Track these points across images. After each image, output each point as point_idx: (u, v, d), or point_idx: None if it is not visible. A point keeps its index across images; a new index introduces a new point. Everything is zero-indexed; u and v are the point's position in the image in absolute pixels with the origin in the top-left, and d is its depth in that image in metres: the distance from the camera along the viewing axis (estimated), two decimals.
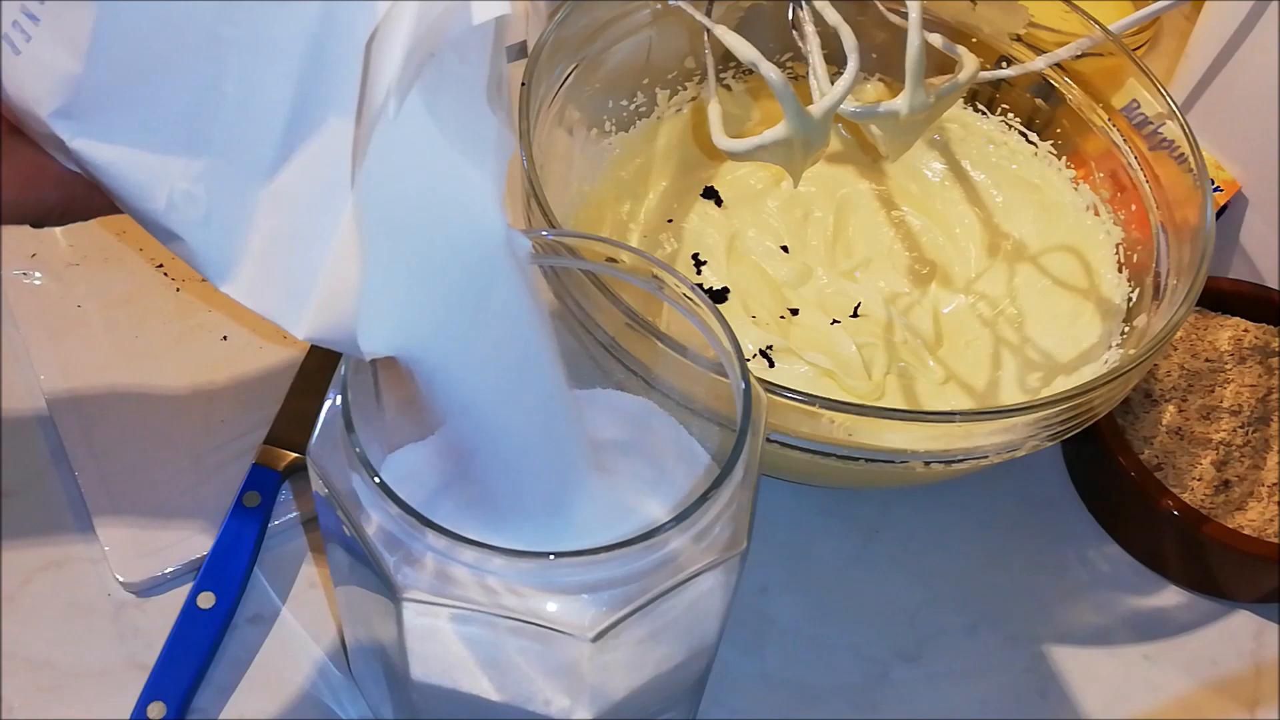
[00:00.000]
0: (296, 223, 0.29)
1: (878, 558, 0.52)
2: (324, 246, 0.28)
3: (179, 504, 0.49)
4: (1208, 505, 0.51)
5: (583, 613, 0.32)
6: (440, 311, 0.31)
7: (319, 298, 0.29)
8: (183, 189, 0.29)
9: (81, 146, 0.29)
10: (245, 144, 0.29)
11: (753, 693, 0.48)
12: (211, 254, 0.29)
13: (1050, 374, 0.53)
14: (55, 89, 0.28)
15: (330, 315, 0.29)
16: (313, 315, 0.29)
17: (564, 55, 0.53)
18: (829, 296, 0.55)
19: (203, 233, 0.29)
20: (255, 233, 0.29)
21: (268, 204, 0.29)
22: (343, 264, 0.28)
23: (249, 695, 0.45)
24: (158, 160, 0.29)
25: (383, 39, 0.26)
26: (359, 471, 0.32)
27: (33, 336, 0.54)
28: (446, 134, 0.30)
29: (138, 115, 0.28)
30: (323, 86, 0.28)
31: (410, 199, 0.30)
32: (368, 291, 0.29)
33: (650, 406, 0.41)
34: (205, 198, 0.29)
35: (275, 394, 0.52)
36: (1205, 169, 0.50)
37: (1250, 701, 0.50)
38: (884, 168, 0.61)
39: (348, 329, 0.29)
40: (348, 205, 0.28)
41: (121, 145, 0.28)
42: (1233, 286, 0.57)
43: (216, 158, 0.29)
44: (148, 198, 0.29)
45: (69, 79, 0.28)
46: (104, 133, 0.28)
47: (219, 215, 0.29)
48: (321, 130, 0.28)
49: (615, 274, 0.41)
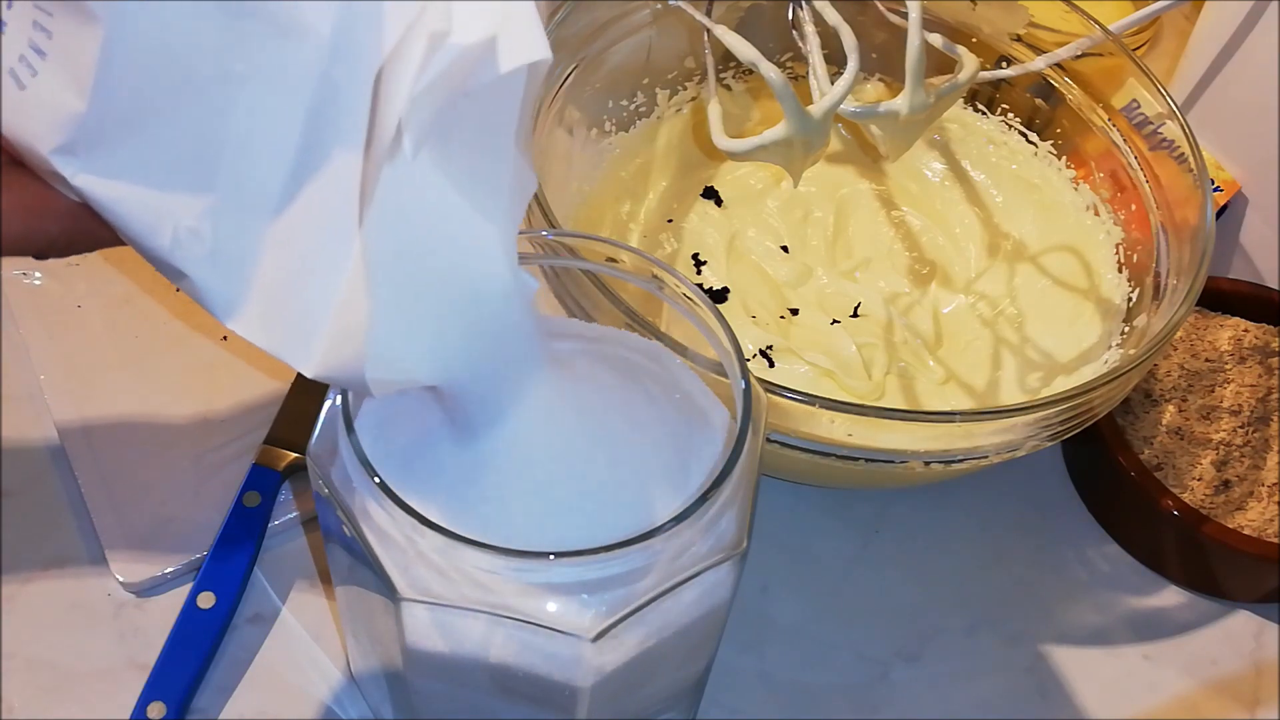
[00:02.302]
0: (304, 260, 0.29)
1: (878, 558, 0.52)
2: (332, 285, 0.28)
3: (179, 504, 0.49)
4: (1208, 505, 0.51)
5: (583, 613, 0.32)
6: (448, 354, 0.31)
7: (328, 337, 0.29)
8: (188, 226, 0.29)
9: (85, 183, 0.28)
10: (252, 180, 0.28)
11: (753, 693, 0.48)
12: (218, 291, 0.29)
13: (1050, 374, 0.53)
14: (58, 126, 0.28)
15: (339, 355, 0.29)
16: (321, 355, 0.29)
17: (564, 55, 0.53)
18: (829, 296, 0.55)
19: (208, 270, 0.29)
20: (262, 270, 0.29)
21: (275, 241, 0.29)
22: (351, 304, 0.28)
23: (249, 695, 0.45)
24: (163, 197, 0.28)
25: (392, 71, 0.26)
26: (359, 471, 0.32)
27: (33, 336, 0.54)
28: (463, 183, 0.29)
29: (142, 152, 0.28)
30: (332, 122, 0.28)
31: (420, 246, 0.29)
32: (376, 333, 0.29)
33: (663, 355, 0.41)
34: (211, 234, 0.29)
35: (275, 394, 0.52)
36: (1205, 169, 0.50)
37: (1250, 701, 0.50)
38: (884, 168, 0.61)
39: (356, 369, 0.29)
40: (356, 244, 0.28)
41: (126, 182, 0.28)
42: (1233, 286, 0.57)
43: (222, 194, 0.28)
44: (153, 235, 0.29)
45: (72, 116, 0.28)
46: (108, 169, 0.28)
47: (225, 252, 0.29)
48: (330, 167, 0.28)
49: (615, 274, 0.41)
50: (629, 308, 0.41)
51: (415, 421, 0.36)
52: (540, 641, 0.33)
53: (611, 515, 0.34)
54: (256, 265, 0.29)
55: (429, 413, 0.36)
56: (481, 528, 0.32)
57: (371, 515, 0.33)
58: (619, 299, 0.41)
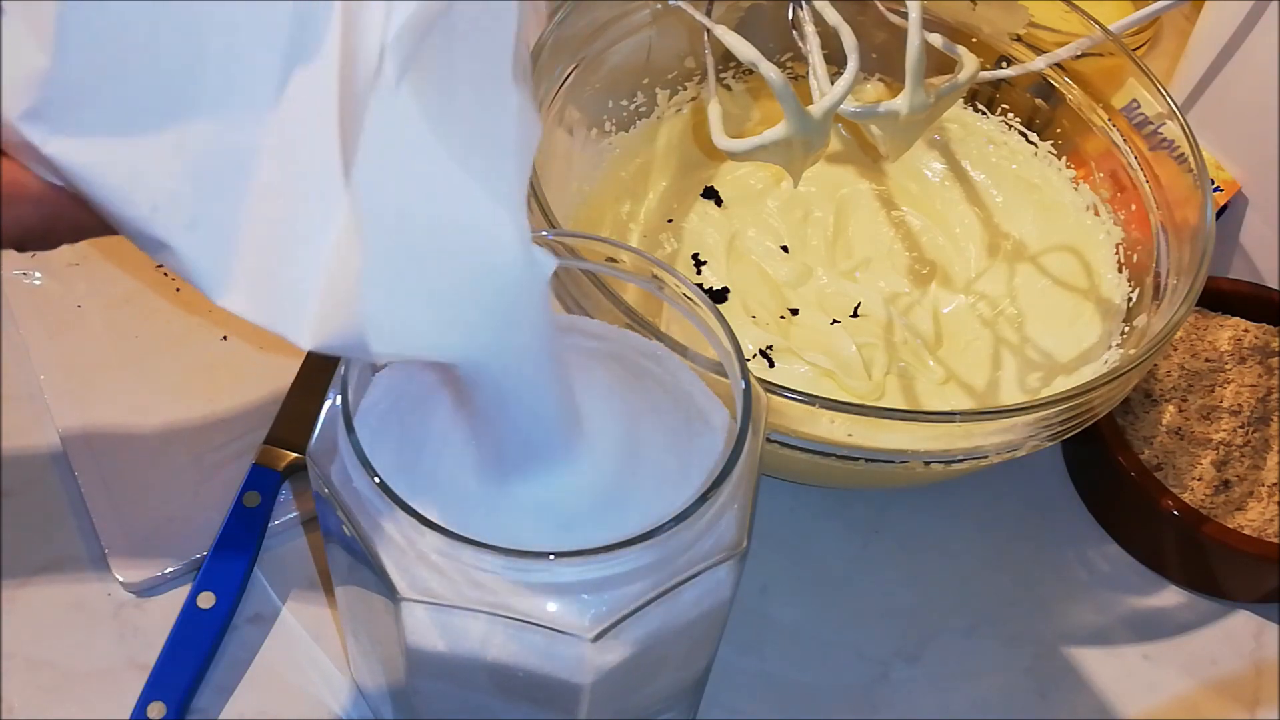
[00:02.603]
0: (291, 220, 0.27)
1: (878, 558, 0.52)
2: (322, 245, 0.27)
3: (179, 504, 0.49)
4: (1208, 505, 0.51)
5: (583, 613, 0.32)
6: (454, 325, 0.30)
7: (320, 303, 0.27)
8: (166, 189, 0.27)
9: (56, 151, 0.27)
10: (230, 134, 0.27)
11: (753, 693, 0.48)
12: (202, 261, 0.28)
13: (1050, 374, 0.53)
14: (25, 86, 0.26)
15: (334, 322, 0.27)
16: (316, 322, 0.27)
17: (564, 55, 0.53)
18: (829, 296, 0.55)
19: (190, 239, 0.27)
20: (247, 236, 0.27)
21: (258, 201, 0.27)
22: (343, 263, 0.27)
23: (249, 695, 0.45)
24: (138, 159, 0.27)
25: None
26: (359, 471, 0.32)
27: (33, 336, 0.54)
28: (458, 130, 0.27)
29: (113, 110, 0.27)
30: (314, 64, 0.26)
31: (415, 202, 0.28)
32: (371, 294, 0.27)
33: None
34: (191, 198, 0.27)
35: (275, 394, 0.52)
36: (1205, 169, 0.50)
37: (1250, 701, 0.50)
38: (884, 168, 0.61)
39: (353, 335, 0.27)
40: (344, 199, 0.26)
41: (98, 145, 0.27)
42: (1233, 286, 0.57)
43: (199, 153, 0.27)
44: (130, 202, 0.27)
45: (38, 73, 0.26)
46: (79, 130, 0.27)
47: (207, 218, 0.27)
48: (311, 113, 0.26)
49: (615, 274, 0.41)
50: (629, 308, 0.41)
51: (416, 421, 0.36)
52: (540, 641, 0.33)
53: (611, 515, 0.34)
54: (240, 230, 0.27)
55: (429, 412, 0.36)
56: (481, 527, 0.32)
57: (371, 515, 0.33)
58: (619, 299, 0.41)
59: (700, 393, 0.39)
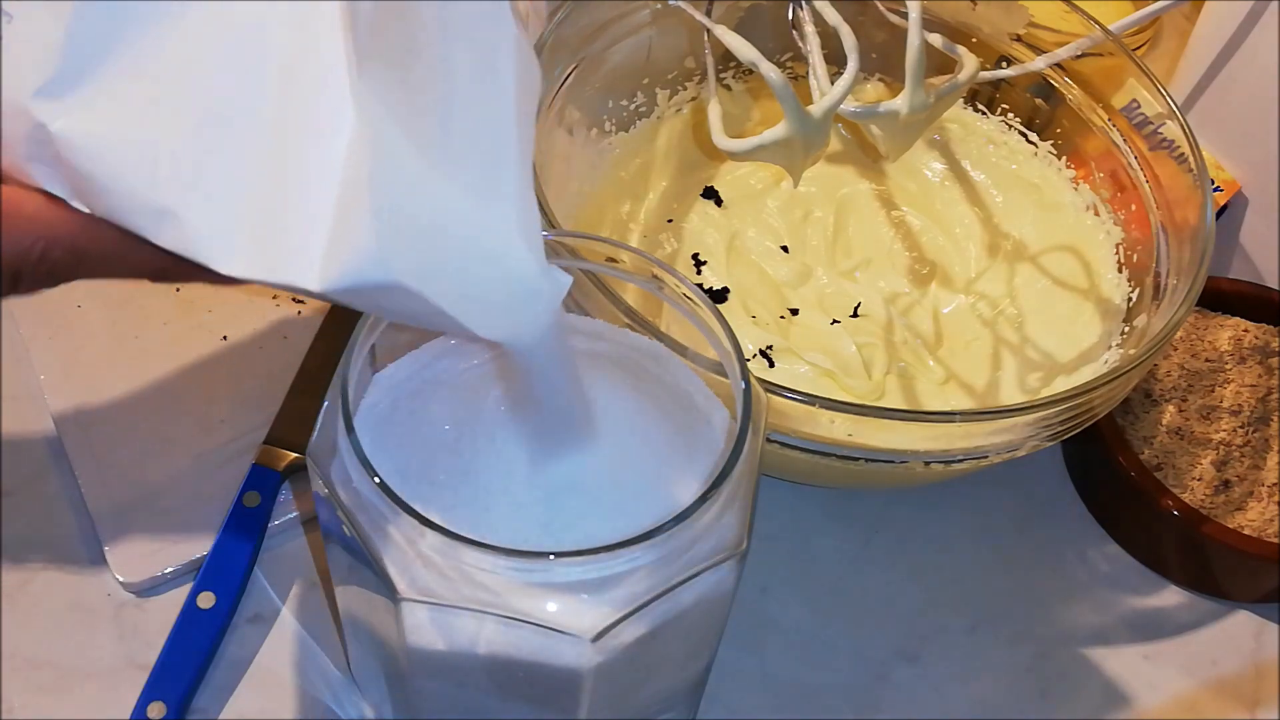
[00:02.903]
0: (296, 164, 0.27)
1: (878, 558, 0.52)
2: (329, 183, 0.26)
3: (179, 504, 0.49)
4: (1208, 505, 0.51)
5: (583, 613, 0.32)
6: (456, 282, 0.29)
7: (330, 238, 0.26)
8: (170, 151, 0.27)
9: (64, 129, 0.27)
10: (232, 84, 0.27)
11: (753, 693, 0.48)
12: (206, 226, 0.27)
13: (1050, 374, 0.53)
14: (40, 62, 0.27)
15: (345, 247, 0.26)
16: (324, 261, 0.27)
17: (564, 55, 0.53)
18: (829, 296, 0.56)
19: (194, 198, 0.27)
20: (253, 189, 0.27)
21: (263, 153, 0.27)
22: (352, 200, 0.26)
23: (249, 695, 0.45)
24: (142, 124, 0.27)
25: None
26: (359, 471, 0.32)
27: (33, 336, 0.54)
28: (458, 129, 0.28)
29: (122, 79, 0.27)
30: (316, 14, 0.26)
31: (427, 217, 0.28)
32: (383, 215, 0.27)
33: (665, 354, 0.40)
34: (191, 154, 0.27)
35: (275, 394, 0.52)
36: (1205, 169, 0.50)
37: (1250, 701, 0.50)
38: (884, 168, 0.61)
39: (364, 268, 0.27)
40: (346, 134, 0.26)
41: (106, 117, 0.27)
42: (1233, 286, 0.57)
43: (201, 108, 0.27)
44: (134, 172, 0.27)
45: (54, 46, 0.27)
46: (89, 104, 0.27)
47: (207, 171, 0.27)
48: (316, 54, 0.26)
49: (615, 274, 0.41)
50: (629, 308, 0.41)
51: (416, 421, 0.36)
52: (540, 641, 0.33)
53: (612, 515, 0.34)
54: (245, 184, 0.27)
55: (429, 412, 0.36)
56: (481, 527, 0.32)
57: (371, 515, 0.33)
58: (619, 299, 0.41)
59: (700, 393, 0.39)
